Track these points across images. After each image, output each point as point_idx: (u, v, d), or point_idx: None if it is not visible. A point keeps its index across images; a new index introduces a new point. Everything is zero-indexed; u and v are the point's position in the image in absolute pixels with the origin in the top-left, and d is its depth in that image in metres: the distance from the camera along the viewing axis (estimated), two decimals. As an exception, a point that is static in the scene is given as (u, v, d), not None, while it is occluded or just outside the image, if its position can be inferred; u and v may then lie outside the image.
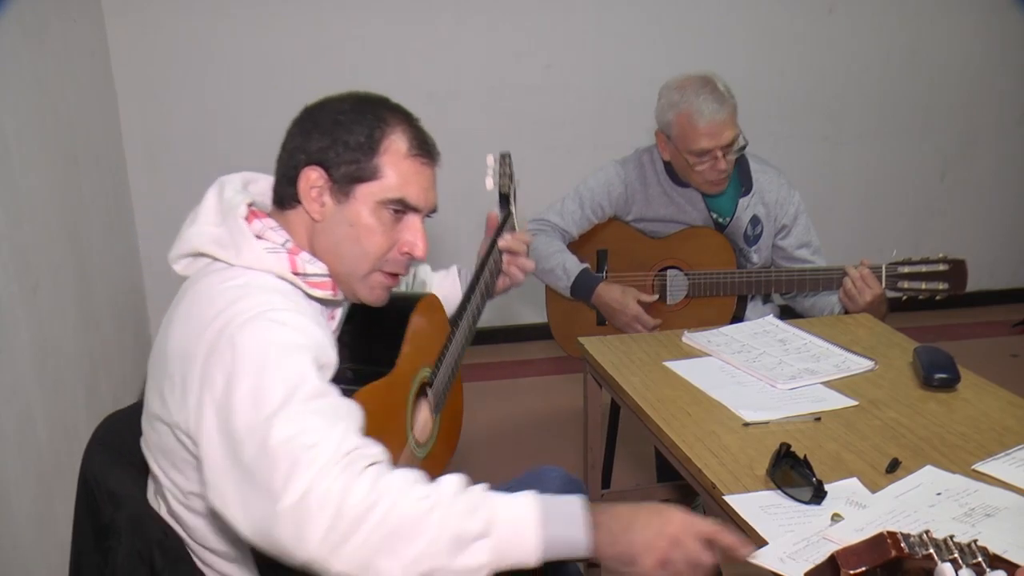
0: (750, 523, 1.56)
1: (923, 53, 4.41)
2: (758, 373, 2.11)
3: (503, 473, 1.91)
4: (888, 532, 0.99)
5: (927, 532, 1.01)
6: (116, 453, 1.56)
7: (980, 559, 1.00)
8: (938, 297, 2.49)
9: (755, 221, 2.68)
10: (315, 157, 1.47)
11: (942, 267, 2.45)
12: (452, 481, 1.22)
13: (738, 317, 2.67)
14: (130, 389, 3.33)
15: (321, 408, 1.24)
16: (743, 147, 2.58)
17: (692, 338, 2.31)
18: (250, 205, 1.49)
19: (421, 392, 1.73)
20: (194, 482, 1.40)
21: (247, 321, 1.31)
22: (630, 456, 3.15)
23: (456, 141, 2.91)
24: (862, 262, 2.49)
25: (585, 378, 2.34)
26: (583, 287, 2.68)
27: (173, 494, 1.47)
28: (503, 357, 4.38)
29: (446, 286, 2.05)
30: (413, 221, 1.52)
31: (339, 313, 1.60)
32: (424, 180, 1.52)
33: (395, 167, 1.48)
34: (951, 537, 1.01)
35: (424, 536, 1.15)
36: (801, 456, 1.66)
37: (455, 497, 1.19)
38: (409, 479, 1.20)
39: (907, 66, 4.42)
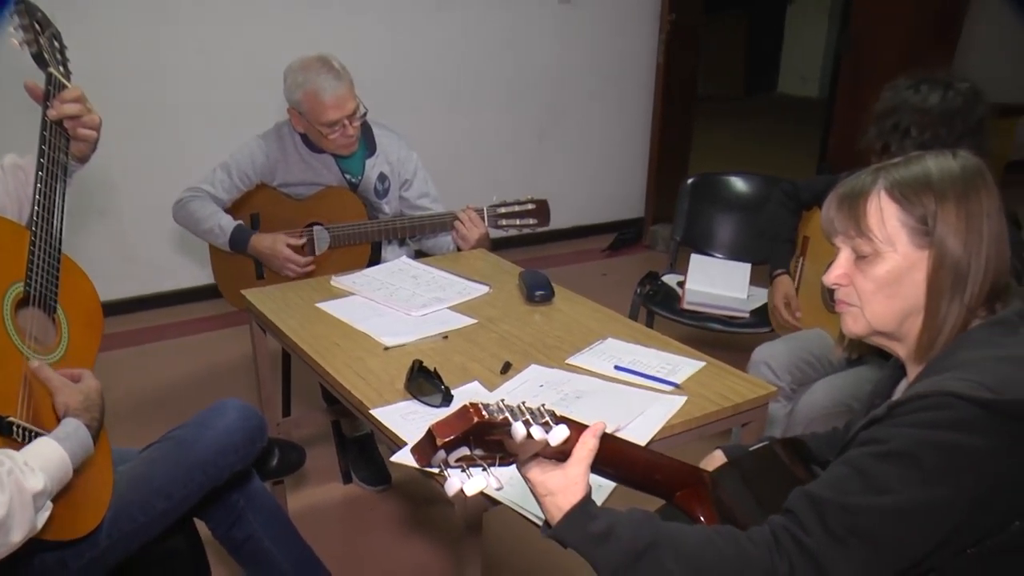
0: (393, 430, 1.73)
1: (514, 40, 5.04)
2: (395, 305, 2.35)
3: (189, 416, 2.03)
4: (470, 403, 1.07)
5: (503, 400, 1.11)
6: None
7: (548, 418, 1.12)
8: (532, 230, 2.88)
9: (382, 178, 2.98)
10: None
11: (530, 206, 2.87)
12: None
13: (375, 260, 2.93)
14: None
15: None
16: (365, 114, 2.86)
17: (339, 281, 2.53)
18: None
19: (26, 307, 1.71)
20: None
21: None
22: (307, 389, 3.37)
23: (122, 125, 2.80)
24: (467, 207, 2.85)
25: (252, 326, 2.48)
26: (239, 240, 2.86)
27: None
28: (172, 319, 4.37)
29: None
30: None
31: None
32: None
33: None
34: (523, 403, 1.13)
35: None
36: (432, 369, 1.86)
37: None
38: None
39: (502, 50, 5.04)
